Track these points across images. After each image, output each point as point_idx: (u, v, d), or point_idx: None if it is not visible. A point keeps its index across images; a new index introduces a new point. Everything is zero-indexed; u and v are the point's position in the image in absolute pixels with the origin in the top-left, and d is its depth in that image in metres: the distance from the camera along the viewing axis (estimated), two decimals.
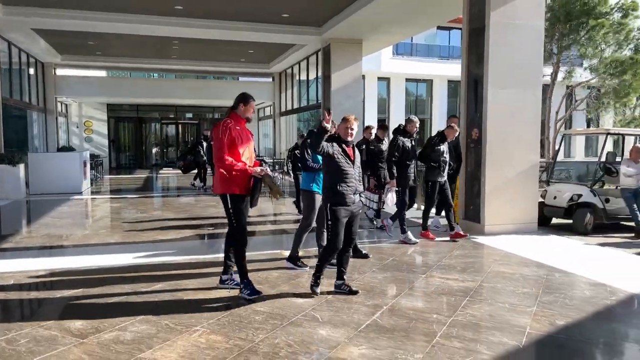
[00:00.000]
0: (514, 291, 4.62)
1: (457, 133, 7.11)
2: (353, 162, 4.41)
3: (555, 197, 8.36)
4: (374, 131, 7.74)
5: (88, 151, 15.46)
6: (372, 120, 23.70)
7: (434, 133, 20.38)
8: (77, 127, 22.49)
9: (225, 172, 4.23)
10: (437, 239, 6.95)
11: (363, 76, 21.36)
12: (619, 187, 8.17)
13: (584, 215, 7.86)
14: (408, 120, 6.78)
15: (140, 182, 16.43)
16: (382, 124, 8.33)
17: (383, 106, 25.00)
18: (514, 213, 7.38)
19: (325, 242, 4.91)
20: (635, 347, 3.51)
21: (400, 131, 6.75)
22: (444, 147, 6.83)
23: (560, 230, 8.18)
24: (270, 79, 21.62)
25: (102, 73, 22.20)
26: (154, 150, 25.25)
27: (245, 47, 15.76)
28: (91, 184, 14.39)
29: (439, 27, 22.84)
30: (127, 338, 3.44)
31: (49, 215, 9.11)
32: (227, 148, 4.19)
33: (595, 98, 18.62)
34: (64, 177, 12.10)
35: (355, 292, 4.45)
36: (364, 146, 7.47)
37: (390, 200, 6.69)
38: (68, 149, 15.55)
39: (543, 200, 8.52)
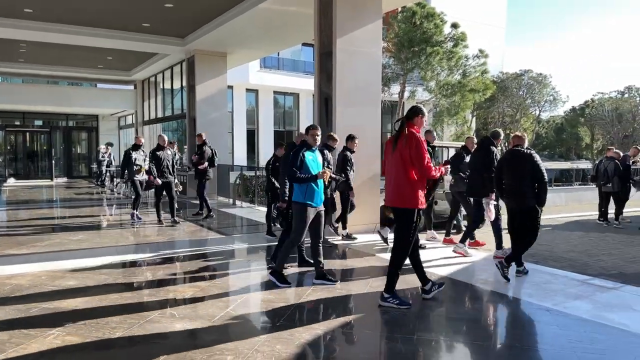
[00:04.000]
0: (351, 280, 5.43)
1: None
2: None
3: None
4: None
5: None
6: (241, 130, 24.15)
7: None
8: None
9: (415, 184, 4.34)
10: None
11: (231, 87, 21.77)
12: (445, 191, 9.70)
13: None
14: (497, 134, 6.87)
15: None
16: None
17: (252, 117, 25.56)
18: (361, 216, 8.34)
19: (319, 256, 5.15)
20: (427, 312, 4.46)
21: (491, 142, 6.70)
22: None
23: None
24: (132, 87, 20.89)
25: None
26: None
27: (103, 53, 15.16)
28: None
29: (303, 44, 24.12)
30: None
31: None
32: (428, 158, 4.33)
33: (433, 115, 21.46)
34: None
35: None
36: None
37: (493, 214, 6.45)
38: None
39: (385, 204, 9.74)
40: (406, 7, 18.54)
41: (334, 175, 6.93)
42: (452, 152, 11.07)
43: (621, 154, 11.16)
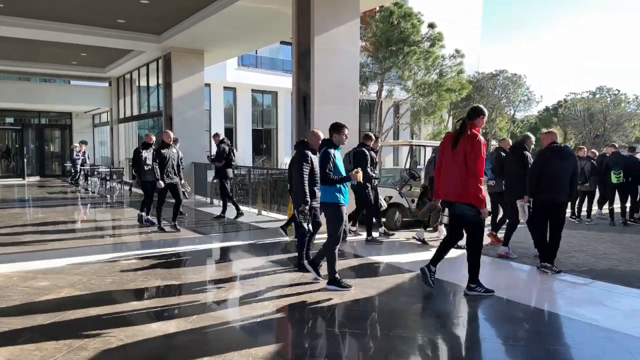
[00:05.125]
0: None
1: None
2: None
3: None
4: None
5: None
6: (219, 129, 23.91)
7: (280, 142, 21.31)
8: None
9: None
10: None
11: (209, 85, 21.52)
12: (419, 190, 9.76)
13: (393, 214, 9.27)
14: (527, 137, 6.94)
15: None
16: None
17: (230, 115, 25.35)
18: None
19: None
20: (398, 309, 4.51)
21: (524, 147, 6.73)
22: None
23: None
24: (107, 84, 20.51)
25: None
26: None
27: (77, 49, 14.81)
28: None
29: (282, 42, 23.98)
30: None
31: None
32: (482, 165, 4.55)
33: (411, 114, 21.68)
34: None
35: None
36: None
37: (527, 215, 6.28)
38: None
39: None
40: (384, 6, 18.65)
41: (373, 174, 7.36)
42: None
43: (597, 153, 11.41)
